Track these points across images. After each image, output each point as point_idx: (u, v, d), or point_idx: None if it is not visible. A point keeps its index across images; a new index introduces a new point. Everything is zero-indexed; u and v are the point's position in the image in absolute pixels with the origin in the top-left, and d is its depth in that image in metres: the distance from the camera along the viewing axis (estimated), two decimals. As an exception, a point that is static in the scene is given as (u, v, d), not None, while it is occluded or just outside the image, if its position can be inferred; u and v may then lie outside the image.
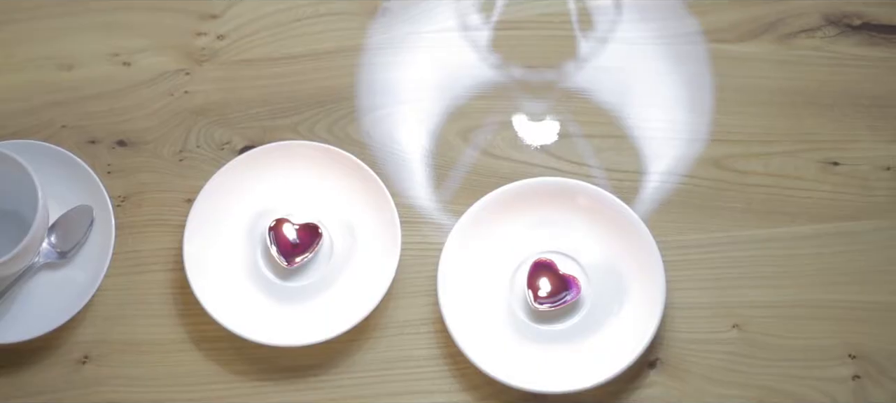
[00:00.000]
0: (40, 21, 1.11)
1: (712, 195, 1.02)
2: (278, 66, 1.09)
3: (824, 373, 0.95)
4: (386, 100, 1.07)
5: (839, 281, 0.98)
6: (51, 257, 1.00)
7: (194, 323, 0.99)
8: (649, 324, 0.95)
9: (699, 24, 1.09)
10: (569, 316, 0.98)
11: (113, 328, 0.99)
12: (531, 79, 1.08)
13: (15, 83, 1.09)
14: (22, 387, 0.98)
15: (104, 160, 1.05)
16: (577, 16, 1.10)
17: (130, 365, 0.98)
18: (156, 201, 1.04)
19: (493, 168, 1.04)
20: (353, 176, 1.01)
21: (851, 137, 1.03)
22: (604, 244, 0.99)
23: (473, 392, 0.96)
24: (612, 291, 0.98)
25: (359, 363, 0.98)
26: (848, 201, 1.01)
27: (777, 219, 1.01)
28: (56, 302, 0.98)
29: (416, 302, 0.99)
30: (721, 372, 0.96)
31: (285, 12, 1.11)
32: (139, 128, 1.07)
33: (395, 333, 0.98)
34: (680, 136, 1.04)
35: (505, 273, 0.99)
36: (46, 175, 0.98)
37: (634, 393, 0.95)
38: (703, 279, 0.99)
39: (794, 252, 0.99)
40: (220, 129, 1.06)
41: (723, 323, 0.97)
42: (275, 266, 1.00)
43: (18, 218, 0.98)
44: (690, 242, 1.00)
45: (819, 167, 1.02)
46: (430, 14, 1.11)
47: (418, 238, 1.01)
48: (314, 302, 0.99)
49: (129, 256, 1.02)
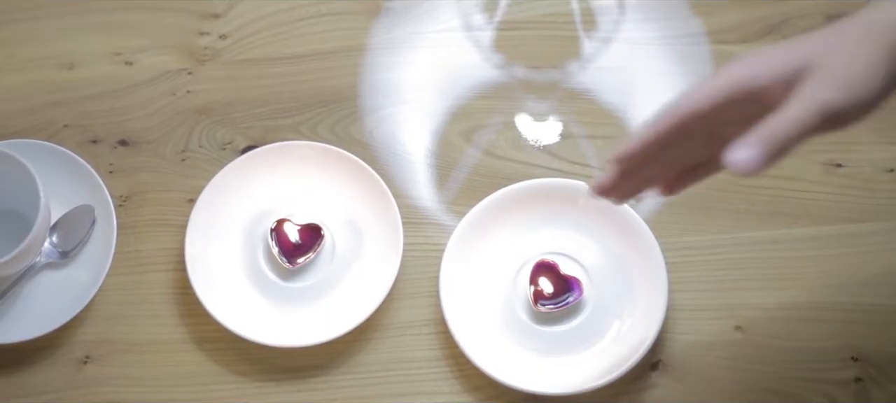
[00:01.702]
0: (41, 20, 1.11)
1: (715, 196, 1.02)
2: (281, 66, 1.09)
3: (826, 376, 0.95)
4: (388, 101, 1.07)
5: (842, 283, 0.98)
6: (52, 257, 1.00)
7: (196, 324, 0.99)
8: (651, 326, 0.95)
9: (702, 24, 1.08)
10: (571, 317, 0.98)
11: (114, 328, 0.99)
12: (534, 79, 1.08)
13: (16, 83, 1.09)
14: (23, 387, 0.98)
15: (106, 160, 1.05)
16: (581, 16, 1.10)
17: (132, 365, 0.98)
18: (158, 201, 1.04)
19: (495, 168, 1.04)
20: (355, 176, 1.01)
21: (854, 139, 1.03)
22: (606, 245, 0.99)
23: (475, 393, 0.96)
24: (614, 293, 0.98)
25: (360, 364, 0.98)
26: (851, 203, 1.01)
27: (779, 221, 1.00)
28: (57, 302, 0.98)
29: (418, 302, 0.99)
30: (723, 374, 0.95)
31: (288, 12, 1.11)
32: (141, 128, 1.06)
33: (396, 334, 0.98)
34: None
35: (507, 274, 0.99)
36: (48, 174, 0.98)
37: (636, 395, 0.95)
38: (706, 280, 0.99)
39: (797, 254, 0.99)
40: (223, 129, 1.06)
41: (725, 325, 0.97)
42: (276, 266, 1.00)
43: (20, 218, 0.98)
44: (693, 243, 1.00)
45: (822, 169, 1.02)
46: (433, 14, 1.11)
47: (420, 238, 1.01)
48: (316, 303, 0.99)
49: (131, 256, 1.02)
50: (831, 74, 0.70)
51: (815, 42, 0.72)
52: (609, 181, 0.79)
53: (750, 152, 0.69)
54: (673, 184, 0.81)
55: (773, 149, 0.69)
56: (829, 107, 0.69)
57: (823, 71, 0.71)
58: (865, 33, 0.72)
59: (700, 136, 0.76)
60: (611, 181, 0.79)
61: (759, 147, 0.69)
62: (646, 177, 0.79)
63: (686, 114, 0.74)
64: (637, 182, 0.79)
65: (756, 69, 0.73)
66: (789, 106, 0.70)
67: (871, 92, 0.70)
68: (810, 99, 0.70)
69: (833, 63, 0.71)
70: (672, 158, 0.78)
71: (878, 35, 0.71)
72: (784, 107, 0.70)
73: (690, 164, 0.80)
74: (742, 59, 0.74)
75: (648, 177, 0.79)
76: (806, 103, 0.70)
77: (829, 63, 0.71)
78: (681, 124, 0.74)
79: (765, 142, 0.69)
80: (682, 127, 0.74)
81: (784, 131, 0.69)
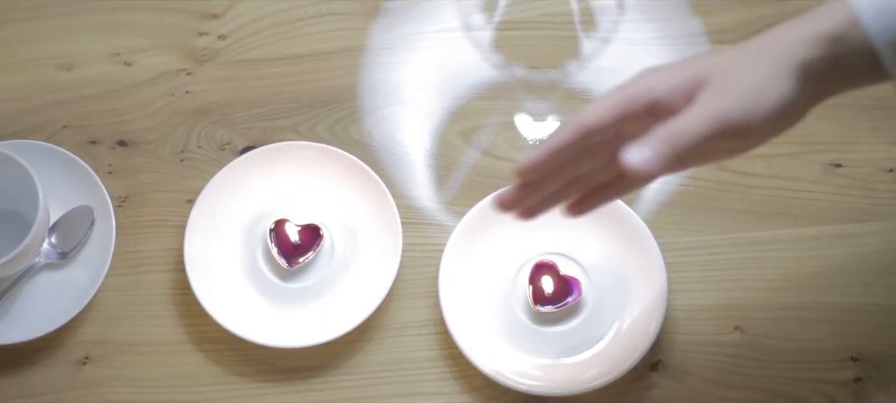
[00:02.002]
0: (40, 21, 1.11)
1: (714, 197, 1.02)
2: (280, 66, 1.09)
3: (826, 376, 0.95)
4: (387, 101, 1.07)
5: (841, 283, 0.98)
6: (51, 257, 1.00)
7: (195, 324, 0.99)
8: (651, 326, 0.95)
9: (702, 24, 1.08)
10: (570, 317, 0.97)
11: (113, 328, 0.99)
12: (533, 79, 1.08)
13: (15, 83, 1.09)
14: (22, 388, 0.98)
15: (105, 160, 1.05)
16: (580, 16, 1.10)
17: (131, 366, 0.98)
18: (157, 201, 1.04)
19: (494, 169, 1.04)
20: (354, 176, 1.01)
21: (854, 139, 1.03)
22: (605, 245, 0.99)
23: (474, 393, 0.96)
24: (613, 293, 0.98)
25: (360, 364, 0.98)
26: (850, 203, 1.01)
27: (779, 221, 1.00)
28: (57, 303, 0.98)
29: (418, 303, 0.99)
30: (723, 375, 0.95)
31: (287, 12, 1.11)
32: (140, 129, 1.06)
33: (396, 334, 0.98)
34: (682, 138, 1.04)
35: (506, 274, 0.99)
36: (47, 175, 0.98)
37: (636, 395, 0.95)
38: (705, 281, 0.99)
39: (797, 254, 0.99)
40: (222, 130, 1.06)
41: (725, 326, 0.97)
42: (276, 267, 1.00)
43: (19, 219, 0.98)
44: (692, 244, 1.00)
45: (821, 169, 1.02)
46: (432, 14, 1.11)
47: (420, 239, 1.01)
48: (315, 304, 0.99)
49: (130, 257, 1.02)
50: (727, 84, 0.71)
51: (716, 56, 0.73)
52: (511, 195, 0.78)
53: (645, 153, 0.69)
54: (579, 203, 0.80)
55: (669, 150, 0.69)
56: (724, 115, 0.70)
57: (721, 81, 0.71)
58: (766, 49, 0.72)
59: (602, 153, 0.76)
60: (513, 194, 0.78)
61: (654, 148, 0.69)
62: (552, 193, 0.79)
63: (583, 128, 0.74)
64: (543, 199, 0.79)
65: (654, 82, 0.73)
66: (687, 112, 0.71)
67: (770, 105, 0.71)
68: (706, 105, 0.71)
69: (730, 75, 0.72)
70: (576, 174, 0.78)
71: (780, 51, 0.72)
72: (682, 114, 0.71)
73: (596, 183, 0.79)
74: (642, 73, 0.74)
75: (555, 193, 0.79)
76: (702, 110, 0.71)
77: (726, 75, 0.72)
78: (578, 137, 0.74)
79: (661, 143, 0.69)
80: (580, 140, 0.74)
81: (680, 134, 0.70)
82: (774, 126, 0.72)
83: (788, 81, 0.71)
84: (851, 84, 0.74)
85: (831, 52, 0.71)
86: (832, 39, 0.71)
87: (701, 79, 0.72)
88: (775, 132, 0.73)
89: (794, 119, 0.73)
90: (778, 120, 0.72)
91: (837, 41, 0.71)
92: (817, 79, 0.72)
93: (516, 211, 0.79)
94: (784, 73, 0.71)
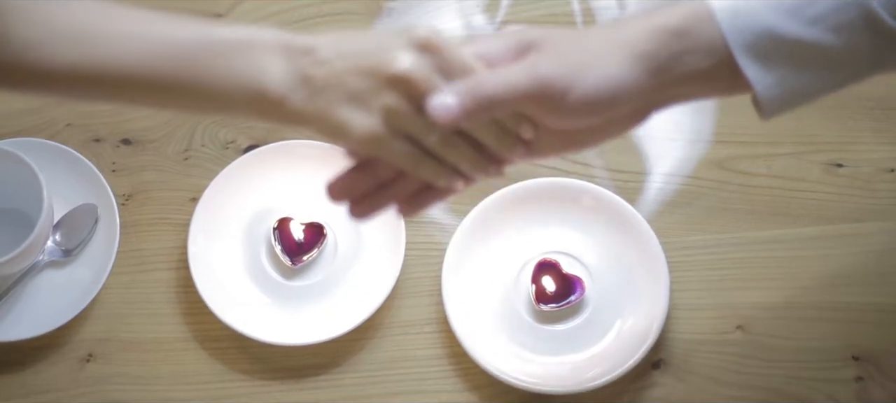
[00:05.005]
0: (45, 19, 1.11)
1: (716, 196, 1.02)
2: (283, 66, 1.09)
3: (827, 375, 0.95)
4: (390, 100, 1.07)
5: (842, 282, 0.98)
6: (55, 255, 1.00)
7: (198, 322, 0.99)
8: (653, 325, 0.95)
9: (703, 25, 1.08)
10: (573, 316, 0.98)
11: (117, 326, 0.99)
12: (535, 79, 1.08)
13: (20, 81, 1.09)
14: (26, 385, 0.98)
15: (109, 158, 1.05)
16: (581, 16, 1.10)
17: (134, 364, 0.98)
18: (160, 200, 1.04)
19: (497, 168, 1.04)
20: (357, 175, 1.01)
21: (855, 139, 1.03)
22: (608, 245, 0.99)
23: (477, 392, 0.96)
24: (616, 292, 0.98)
25: (362, 362, 0.98)
26: (851, 203, 1.01)
27: (780, 221, 1.01)
28: (60, 301, 0.98)
29: (420, 301, 0.99)
30: (725, 373, 0.96)
31: (289, 12, 1.11)
32: (144, 127, 1.06)
33: (398, 333, 0.99)
34: (684, 138, 1.04)
35: (509, 273, 0.99)
36: (51, 173, 0.98)
37: (638, 394, 0.95)
38: (707, 280, 0.99)
39: (798, 253, 0.99)
40: (225, 128, 1.06)
41: (726, 324, 0.97)
42: (279, 265, 1.00)
43: (23, 217, 0.98)
44: (694, 243, 1.00)
45: (822, 169, 1.02)
46: (435, 14, 1.11)
47: (422, 238, 1.01)
48: (318, 302, 0.99)
49: (134, 255, 1.02)
50: (557, 53, 0.70)
51: (557, 29, 0.72)
52: (340, 178, 0.75)
53: (449, 100, 0.68)
54: (409, 202, 0.76)
55: (475, 101, 0.68)
56: (542, 77, 0.69)
57: (551, 49, 0.70)
58: (610, 32, 0.71)
59: None
60: (341, 178, 0.75)
61: (460, 96, 0.68)
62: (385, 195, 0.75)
63: None
64: (376, 198, 0.75)
65: (487, 45, 0.72)
66: (507, 68, 0.70)
67: (596, 81, 0.69)
68: (529, 66, 0.70)
69: (563, 45, 0.70)
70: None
71: (622, 36, 0.70)
72: (497, 69, 0.70)
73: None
74: (474, 38, 0.73)
75: (389, 194, 0.75)
76: (524, 68, 0.70)
77: (559, 44, 0.70)
78: None
79: (468, 92, 0.69)
80: None
81: (491, 86, 0.69)
82: (603, 107, 0.70)
83: (622, 65, 0.69)
84: (711, 87, 0.71)
85: (675, 46, 0.69)
86: (677, 33, 0.69)
87: (532, 44, 0.71)
88: (609, 113, 0.70)
89: (633, 108, 0.71)
90: (609, 101, 0.70)
91: (683, 35, 0.69)
92: (660, 72, 0.69)
93: (346, 201, 0.76)
94: (619, 56, 0.69)
